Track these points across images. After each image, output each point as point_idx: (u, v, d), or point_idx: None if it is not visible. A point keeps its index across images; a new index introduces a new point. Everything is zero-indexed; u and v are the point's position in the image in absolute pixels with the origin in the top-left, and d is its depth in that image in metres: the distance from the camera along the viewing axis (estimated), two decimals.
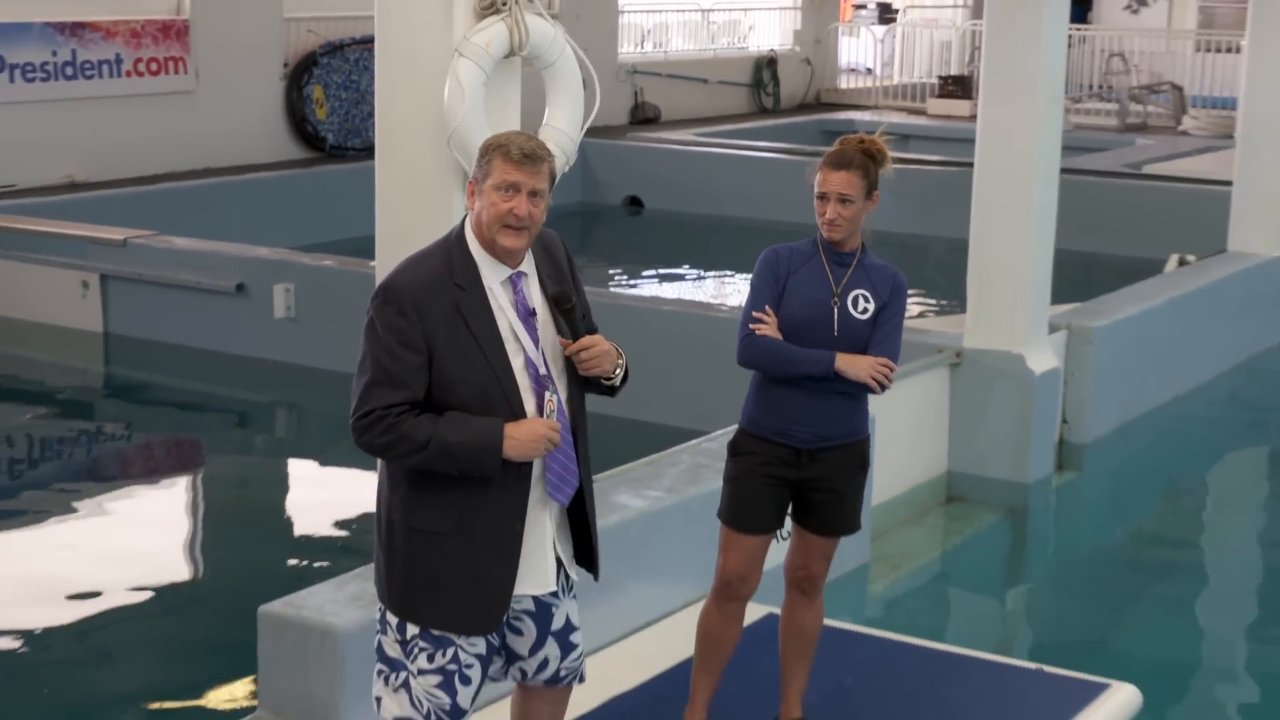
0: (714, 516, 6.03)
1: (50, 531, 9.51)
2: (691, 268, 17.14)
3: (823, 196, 5.76)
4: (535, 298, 4.85)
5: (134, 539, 9.47)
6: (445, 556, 4.72)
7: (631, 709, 6.39)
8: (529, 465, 4.74)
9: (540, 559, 4.84)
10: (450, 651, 4.77)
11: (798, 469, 5.83)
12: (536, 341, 4.81)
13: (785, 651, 6.14)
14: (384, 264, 6.24)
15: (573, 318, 4.82)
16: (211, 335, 13.05)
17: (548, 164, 4.80)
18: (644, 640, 7.01)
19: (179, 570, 9.08)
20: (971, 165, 10.16)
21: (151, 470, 11.04)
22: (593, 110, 6.39)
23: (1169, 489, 10.79)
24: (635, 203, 20.08)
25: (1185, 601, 9.01)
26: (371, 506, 4.88)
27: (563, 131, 6.29)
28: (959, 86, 24.47)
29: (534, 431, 4.67)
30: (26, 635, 7.95)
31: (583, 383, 4.94)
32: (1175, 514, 10.44)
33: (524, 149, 4.72)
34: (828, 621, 6.33)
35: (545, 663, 4.98)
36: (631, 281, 16.54)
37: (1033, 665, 6.99)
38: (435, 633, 4.76)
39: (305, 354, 12.63)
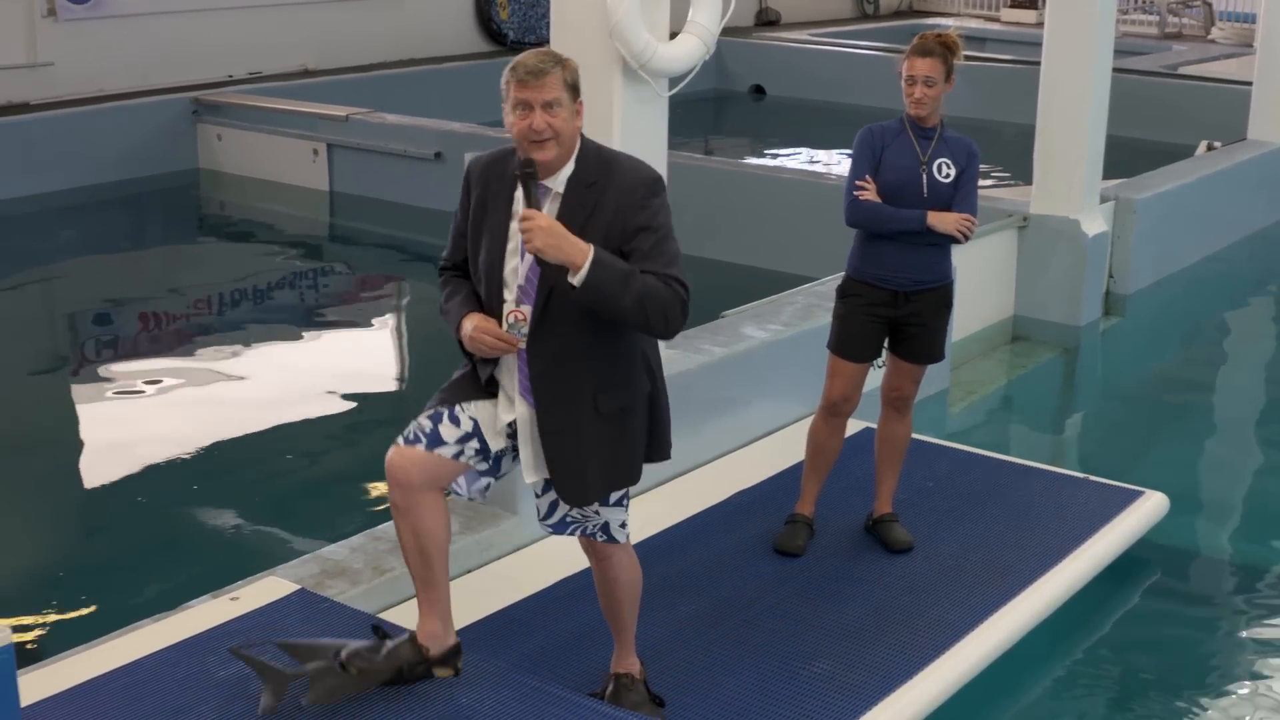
0: (823, 347, 5.95)
1: (282, 349, 9.59)
2: (805, 144, 16.92)
3: (910, 80, 5.65)
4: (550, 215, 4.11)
5: (351, 357, 9.54)
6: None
7: (754, 501, 6.37)
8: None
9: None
10: (445, 411, 4.34)
11: (894, 308, 5.74)
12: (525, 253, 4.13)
13: (879, 459, 6.08)
14: None
15: (529, 188, 4.05)
16: (414, 194, 13.04)
17: (557, 73, 4.07)
18: (764, 447, 6.97)
19: (387, 381, 9.14)
20: (1035, 63, 9.97)
21: (365, 301, 11.09)
22: (728, 12, 6.24)
23: (1195, 331, 10.59)
24: (759, 91, 19.83)
25: (1208, 423, 8.86)
26: None
27: (704, 26, 6.14)
28: None
29: (466, 332, 4.23)
30: (270, 430, 8.04)
31: (586, 311, 4.07)
32: (1200, 351, 10.25)
33: (529, 66, 4.04)
34: (915, 435, 6.27)
35: (554, 505, 4.43)
36: (756, 155, 16.32)
37: (1080, 475, 6.88)
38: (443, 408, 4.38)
39: None
